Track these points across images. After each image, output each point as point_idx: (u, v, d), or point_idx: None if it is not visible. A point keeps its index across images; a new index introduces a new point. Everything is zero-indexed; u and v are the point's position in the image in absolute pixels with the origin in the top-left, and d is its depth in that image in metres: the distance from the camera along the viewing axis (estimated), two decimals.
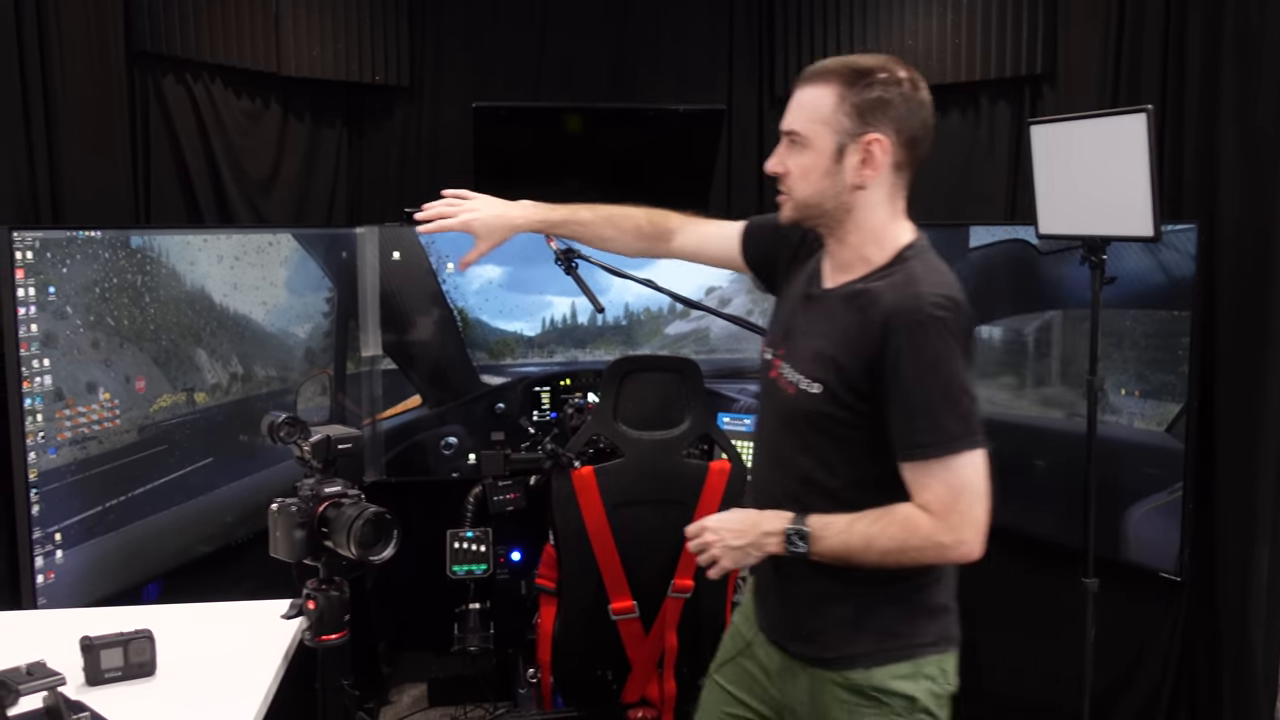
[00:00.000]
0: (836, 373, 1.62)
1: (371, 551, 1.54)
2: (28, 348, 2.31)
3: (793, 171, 1.69)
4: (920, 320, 1.55)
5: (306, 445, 1.56)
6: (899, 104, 1.61)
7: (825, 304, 1.71)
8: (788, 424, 1.72)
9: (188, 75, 3.21)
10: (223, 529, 2.91)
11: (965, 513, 1.56)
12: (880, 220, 1.67)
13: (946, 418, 1.55)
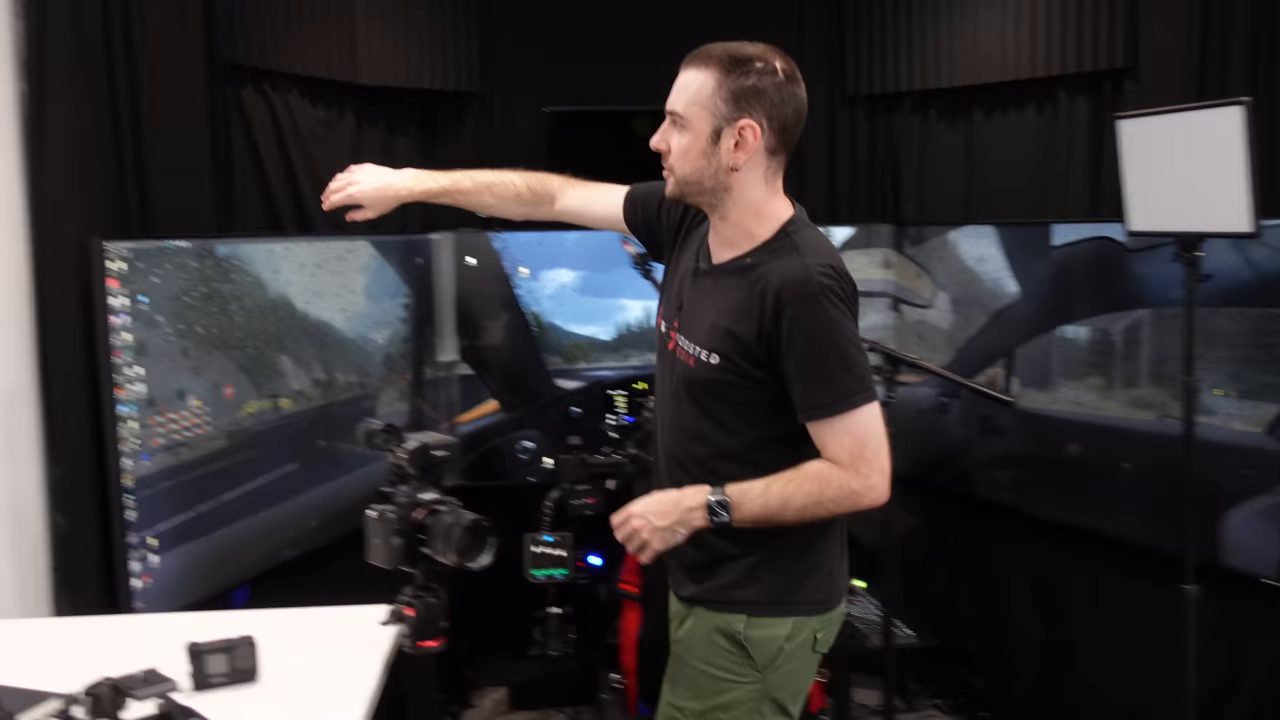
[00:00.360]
0: (733, 344, 1.74)
1: (469, 559, 1.54)
2: (121, 356, 2.35)
3: (674, 150, 1.79)
4: (810, 292, 1.67)
5: (402, 452, 1.57)
6: (772, 92, 1.73)
7: (715, 279, 1.81)
8: (689, 393, 1.83)
9: (266, 86, 3.25)
10: (307, 533, 2.95)
11: (871, 459, 1.70)
12: (758, 198, 1.78)
13: (844, 377, 1.68)
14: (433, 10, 3.66)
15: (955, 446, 3.50)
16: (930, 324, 3.55)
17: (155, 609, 2.45)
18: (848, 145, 3.93)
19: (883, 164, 3.91)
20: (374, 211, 2.20)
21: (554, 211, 2.20)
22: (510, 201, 2.20)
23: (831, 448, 1.70)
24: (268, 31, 3.19)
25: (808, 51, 3.89)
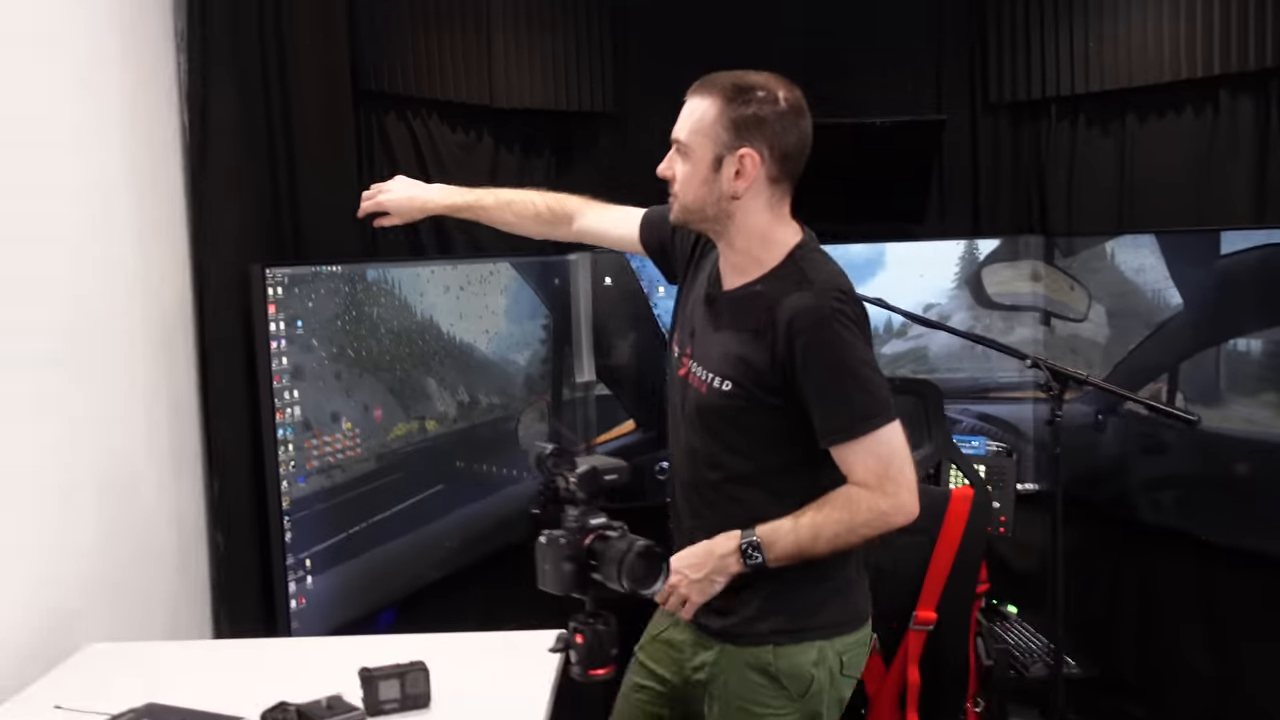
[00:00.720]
0: (746, 370, 1.76)
1: (643, 585, 1.50)
2: (280, 380, 2.39)
3: (678, 177, 1.82)
4: (822, 317, 1.69)
5: (573, 477, 1.53)
6: (773, 121, 1.74)
7: (726, 305, 1.83)
8: (702, 418, 1.84)
9: (408, 112, 3.30)
10: (450, 555, 2.96)
11: (897, 477, 1.72)
12: (763, 225, 1.80)
13: (862, 399, 1.71)
14: (567, 34, 3.67)
15: (1113, 465, 3.34)
16: (1084, 338, 3.40)
17: (309, 630, 2.48)
18: (990, 155, 3.80)
19: (1027, 173, 3.77)
20: (400, 219, 2.35)
21: (572, 232, 2.24)
22: (530, 220, 2.26)
23: (857, 470, 1.72)
24: (409, 58, 3.23)
25: (947, 59, 3.79)
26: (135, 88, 2.20)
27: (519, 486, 3.24)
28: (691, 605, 1.81)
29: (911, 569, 2.56)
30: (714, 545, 1.79)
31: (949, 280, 3.54)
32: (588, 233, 2.23)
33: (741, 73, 1.79)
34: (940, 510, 2.57)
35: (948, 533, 2.57)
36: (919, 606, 2.63)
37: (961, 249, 3.55)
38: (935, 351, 3.56)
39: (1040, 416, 3.55)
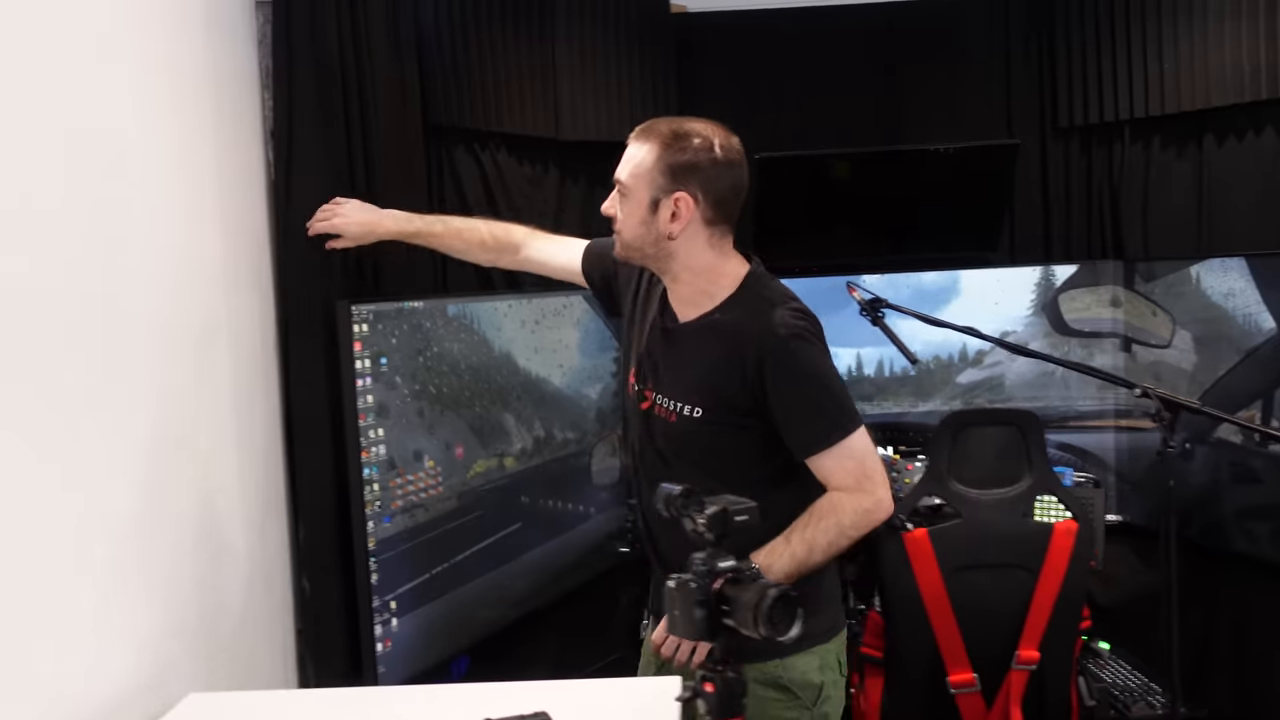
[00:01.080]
0: (715, 396, 1.84)
1: (780, 631, 1.43)
2: (365, 418, 2.35)
3: (619, 217, 1.91)
4: (784, 337, 1.79)
5: (701, 518, 1.48)
6: (707, 168, 1.82)
7: (685, 337, 1.91)
8: (675, 448, 1.91)
9: (475, 145, 3.28)
10: (528, 595, 2.90)
11: (873, 475, 1.82)
12: (706, 262, 1.88)
13: (832, 408, 1.82)
14: (631, 66, 3.64)
15: (1202, 496, 3.23)
16: (1168, 364, 3.32)
17: (394, 674, 2.42)
18: (1061, 179, 3.73)
19: (1100, 197, 3.69)
20: (351, 243, 2.37)
21: (517, 261, 2.36)
22: (476, 248, 2.39)
23: (835, 476, 1.82)
24: (477, 92, 3.22)
25: (1015, 82, 3.72)
26: (223, 126, 2.18)
27: (590, 524, 3.18)
28: (702, 649, 1.72)
29: (1013, 606, 2.48)
30: None
31: (1025, 307, 3.47)
32: (531, 262, 2.34)
33: (681, 120, 1.88)
34: (1042, 545, 2.50)
35: (1051, 568, 2.49)
36: (1021, 645, 2.55)
37: (1037, 275, 3.48)
38: (1011, 380, 3.49)
39: (1121, 445, 3.46)
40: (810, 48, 3.76)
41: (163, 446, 1.84)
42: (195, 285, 2.03)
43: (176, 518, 1.90)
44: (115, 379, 1.69)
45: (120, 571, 1.69)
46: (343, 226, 2.34)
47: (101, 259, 1.65)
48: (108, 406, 1.66)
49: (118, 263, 1.71)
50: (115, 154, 1.72)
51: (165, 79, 1.94)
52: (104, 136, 1.69)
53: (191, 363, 2.00)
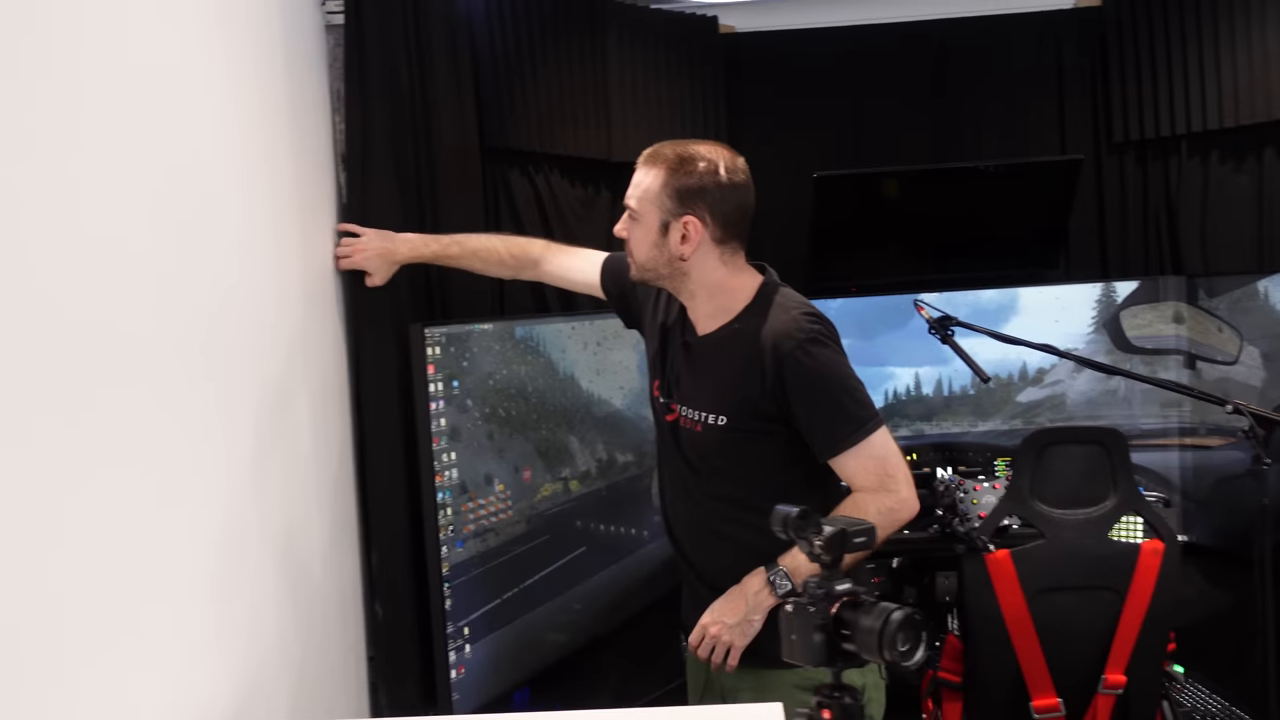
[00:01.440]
0: (739, 403, 1.88)
1: (907, 657, 1.39)
2: (439, 441, 2.33)
3: (631, 240, 1.96)
4: (803, 340, 1.83)
5: (819, 539, 1.44)
6: (713, 190, 1.87)
7: (706, 349, 1.95)
8: (703, 457, 1.95)
9: (530, 168, 3.27)
10: (591, 621, 2.86)
11: (895, 474, 1.84)
12: (720, 278, 1.93)
13: (853, 408, 1.84)
14: (681, 88, 3.63)
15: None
16: (1235, 381, 3.26)
17: (467, 701, 2.39)
18: (1117, 195, 3.68)
19: (1157, 212, 3.65)
20: (380, 277, 2.33)
21: (537, 274, 2.40)
22: (495, 266, 2.42)
23: (858, 476, 1.84)
24: (532, 115, 3.21)
25: (1068, 97, 3.69)
26: (300, 150, 2.16)
27: (650, 548, 3.14)
28: (736, 651, 1.89)
29: (1099, 629, 2.43)
30: (743, 586, 1.89)
31: (1086, 324, 3.43)
32: (551, 276, 2.39)
33: (686, 144, 1.92)
34: (1129, 566, 2.44)
35: (1138, 589, 2.44)
36: (1108, 669, 2.49)
37: (1098, 292, 3.44)
38: (1073, 399, 3.44)
39: (1186, 464, 3.40)
40: (860, 66, 3.74)
41: (247, 472, 1.82)
42: (276, 309, 2.01)
43: (259, 544, 1.87)
44: (201, 404, 1.67)
45: (208, 598, 1.66)
46: (363, 261, 2.31)
47: (189, 284, 1.63)
48: (196, 432, 1.64)
49: (205, 287, 1.69)
50: (199, 178, 1.71)
51: (245, 103, 1.93)
52: (189, 161, 1.68)
53: (274, 386, 1.97)
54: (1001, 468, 3.33)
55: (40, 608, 1.19)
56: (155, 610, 1.46)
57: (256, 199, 1.94)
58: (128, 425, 1.39)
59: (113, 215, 1.41)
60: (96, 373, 1.33)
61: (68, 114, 1.30)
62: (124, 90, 1.46)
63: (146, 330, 1.49)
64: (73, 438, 1.26)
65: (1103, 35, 3.63)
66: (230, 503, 1.73)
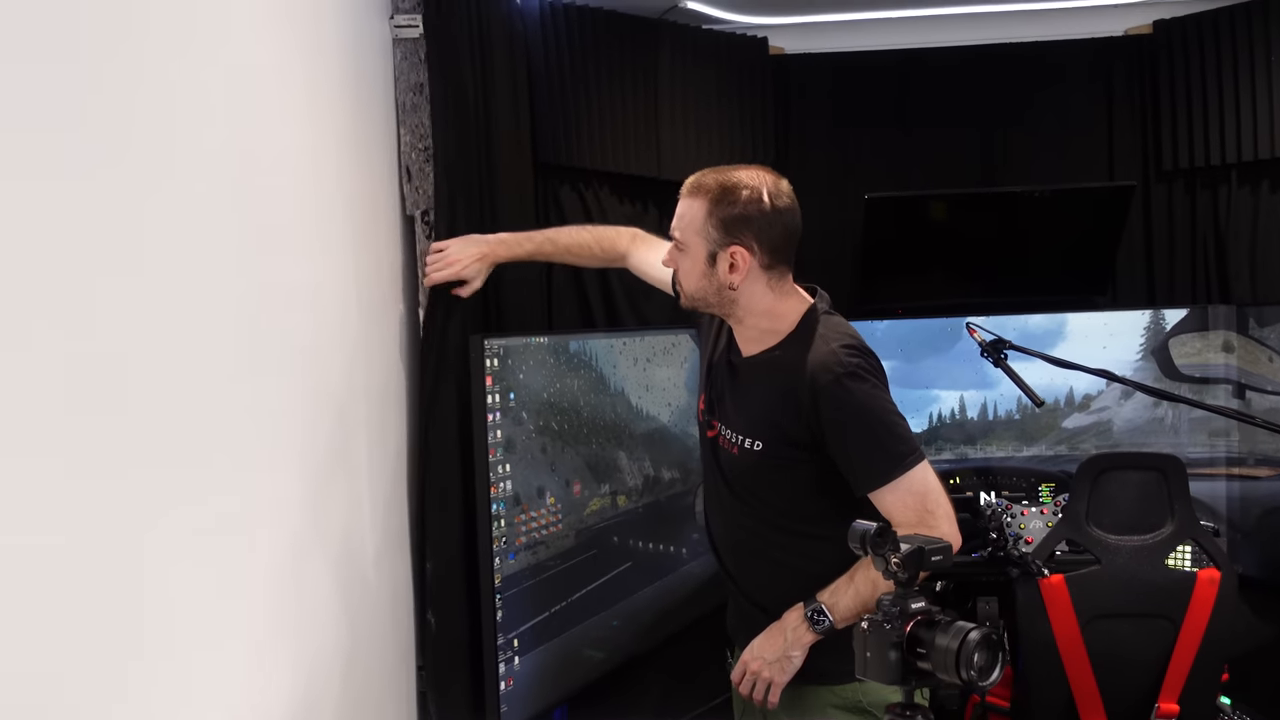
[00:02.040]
0: (775, 431, 1.88)
1: (985, 676, 1.39)
2: (494, 453, 2.34)
3: (679, 271, 1.97)
4: (841, 375, 1.81)
5: (896, 556, 1.44)
6: (758, 219, 1.87)
7: (748, 371, 1.96)
8: (738, 478, 1.97)
9: (580, 184, 3.29)
10: (634, 638, 2.86)
11: (935, 510, 1.80)
12: (768, 304, 1.93)
13: (892, 442, 1.82)
14: (731, 108, 3.65)
15: None
16: None
17: (514, 714, 2.38)
18: (1165, 222, 3.67)
19: (1205, 241, 3.63)
20: (478, 282, 2.41)
21: (625, 265, 2.48)
22: (587, 259, 2.53)
23: (897, 511, 1.80)
24: (584, 132, 3.23)
25: (1117, 124, 3.68)
26: (370, 161, 2.19)
27: (693, 565, 3.14)
28: (776, 688, 1.90)
29: (1152, 656, 2.41)
30: (782, 623, 1.90)
31: (1134, 351, 3.41)
32: (635, 269, 2.45)
33: (728, 171, 1.92)
34: (1185, 594, 2.43)
35: (1194, 618, 2.42)
36: (1161, 698, 2.47)
37: (1146, 319, 3.42)
38: (1119, 426, 3.42)
39: (1233, 494, 3.38)
40: (910, 88, 3.75)
41: (307, 481, 1.83)
42: (339, 318, 2.03)
43: (317, 552, 1.88)
44: (271, 414, 1.69)
45: (267, 607, 1.67)
46: (463, 271, 2.37)
47: (262, 293, 1.65)
48: (268, 440, 1.65)
49: (277, 297, 1.71)
50: (275, 185, 1.73)
51: (318, 112, 1.95)
52: (266, 168, 1.70)
53: (335, 395, 1.99)
54: (1046, 493, 3.32)
55: (120, 616, 1.21)
56: (221, 619, 1.48)
57: (326, 207, 1.97)
58: (198, 433, 1.41)
59: (198, 222, 1.43)
60: (176, 385, 1.34)
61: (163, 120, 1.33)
62: (210, 100, 1.48)
63: (227, 342, 1.51)
64: (152, 450, 1.28)
65: (1154, 62, 3.63)
66: (289, 511, 1.74)
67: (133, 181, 1.24)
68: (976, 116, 3.74)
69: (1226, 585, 2.44)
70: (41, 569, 1.06)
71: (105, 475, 1.17)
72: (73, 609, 1.11)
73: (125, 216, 1.22)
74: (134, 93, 1.25)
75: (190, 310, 1.40)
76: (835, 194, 3.70)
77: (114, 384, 1.20)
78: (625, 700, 2.90)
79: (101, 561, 1.16)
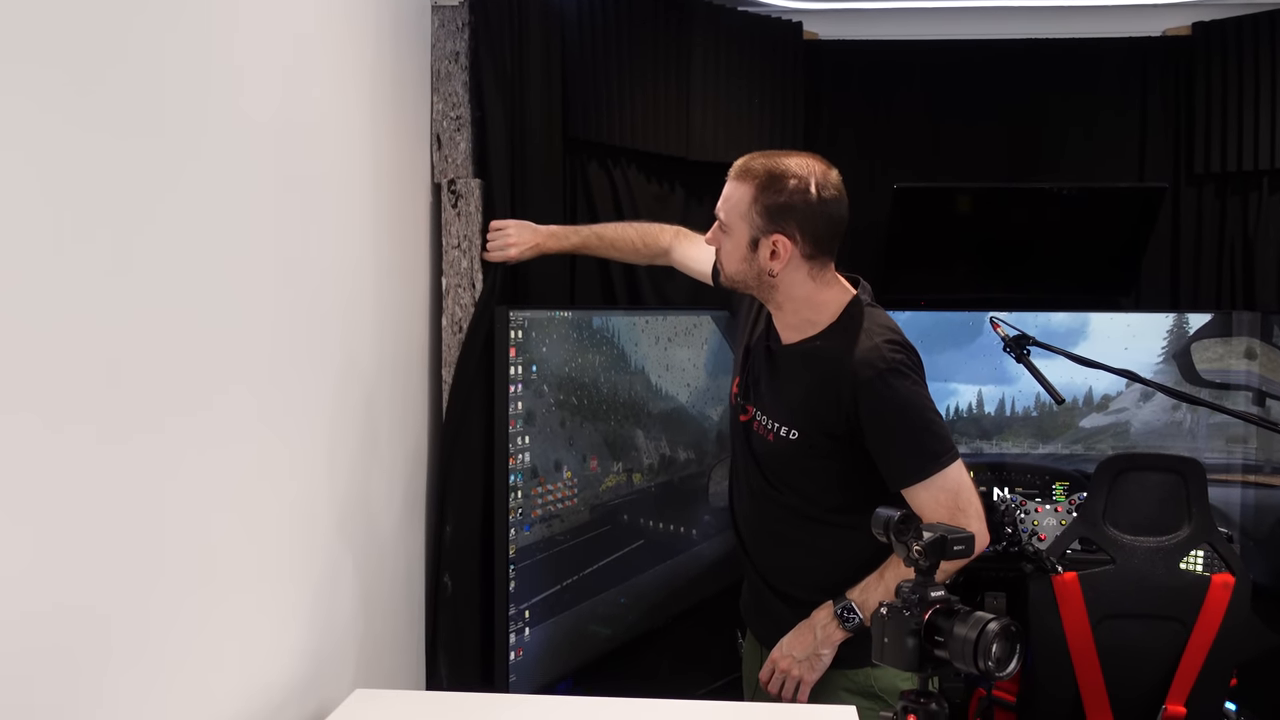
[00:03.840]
0: (813, 421, 1.88)
1: (1002, 667, 1.40)
2: (515, 424, 2.34)
3: (720, 251, 1.98)
4: (882, 370, 1.81)
5: (918, 544, 1.44)
6: (802, 208, 1.86)
7: (786, 359, 1.95)
8: (770, 465, 1.97)
9: (609, 160, 3.28)
10: (643, 615, 2.87)
11: (966, 509, 1.81)
12: (808, 292, 1.92)
13: (928, 440, 1.83)
14: (762, 91, 3.63)
15: None
16: None
17: (523, 684, 2.40)
18: (1193, 226, 3.64)
19: (1233, 246, 3.61)
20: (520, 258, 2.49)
21: (668, 261, 2.51)
22: (630, 254, 2.56)
23: (928, 508, 1.80)
24: (615, 109, 3.22)
25: (1150, 125, 3.66)
26: (402, 128, 2.19)
27: (704, 546, 3.15)
28: (806, 686, 1.91)
29: (1162, 657, 2.41)
30: (811, 621, 1.91)
31: (1155, 354, 3.40)
32: (678, 264, 2.48)
33: (778, 158, 1.92)
34: (1199, 598, 2.42)
35: (1205, 622, 2.42)
36: (1169, 700, 2.47)
37: (1170, 322, 3.41)
38: (1137, 428, 3.41)
39: (1248, 501, 3.37)
40: (942, 79, 3.72)
41: (326, 445, 1.84)
42: (370, 284, 2.04)
43: (344, 511, 1.89)
44: (302, 375, 1.70)
45: (297, 564, 1.68)
46: (516, 255, 2.46)
47: (289, 257, 1.66)
48: (290, 401, 1.66)
49: (304, 260, 1.71)
50: (310, 152, 1.73)
51: (357, 77, 1.95)
52: (306, 130, 1.70)
53: (368, 358, 2.00)
54: (1060, 491, 3.31)
55: (145, 579, 1.22)
56: (243, 582, 1.49)
57: (358, 171, 1.97)
58: (223, 402, 1.42)
59: (232, 186, 1.43)
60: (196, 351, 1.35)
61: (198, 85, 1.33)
62: (245, 64, 1.48)
63: (252, 305, 1.51)
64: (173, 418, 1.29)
65: (1190, 64, 3.60)
66: (311, 475, 1.76)
67: (175, 139, 1.24)
68: (1007, 111, 3.71)
69: (1240, 591, 2.44)
70: (70, 517, 1.07)
71: (142, 429, 1.18)
72: (97, 556, 1.12)
73: (165, 175, 1.23)
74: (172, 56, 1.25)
75: (228, 271, 1.41)
76: (860, 181, 3.65)
77: (151, 340, 1.20)
78: (631, 678, 2.91)
79: (128, 508, 1.17)
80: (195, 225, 1.31)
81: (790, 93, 3.70)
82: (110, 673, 1.16)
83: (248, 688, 1.50)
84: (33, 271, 1.00)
